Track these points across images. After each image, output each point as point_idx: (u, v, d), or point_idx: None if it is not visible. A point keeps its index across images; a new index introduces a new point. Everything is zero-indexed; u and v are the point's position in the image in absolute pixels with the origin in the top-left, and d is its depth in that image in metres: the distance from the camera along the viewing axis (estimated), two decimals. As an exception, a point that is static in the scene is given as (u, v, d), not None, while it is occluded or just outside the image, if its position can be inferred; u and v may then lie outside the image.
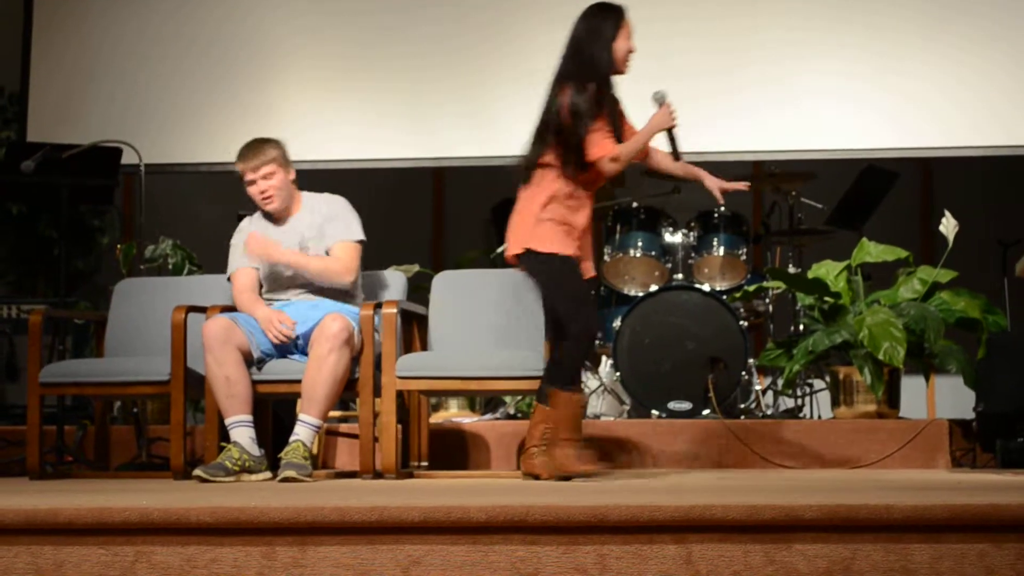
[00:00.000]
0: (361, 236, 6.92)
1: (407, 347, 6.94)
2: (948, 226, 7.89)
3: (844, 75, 8.94)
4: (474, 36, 9.21)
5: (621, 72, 6.49)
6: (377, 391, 6.64)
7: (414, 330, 7.02)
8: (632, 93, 8.98)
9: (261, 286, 6.93)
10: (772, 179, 9.09)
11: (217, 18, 9.39)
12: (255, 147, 6.95)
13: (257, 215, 7.01)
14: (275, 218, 6.95)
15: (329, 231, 6.88)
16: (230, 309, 6.85)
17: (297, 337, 6.72)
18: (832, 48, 8.97)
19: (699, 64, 9.02)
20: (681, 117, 6.53)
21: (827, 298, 8.03)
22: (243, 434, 6.49)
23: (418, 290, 7.86)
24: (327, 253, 6.86)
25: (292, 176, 6.97)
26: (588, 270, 6.41)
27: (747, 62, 9.00)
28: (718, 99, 9.00)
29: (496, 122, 9.13)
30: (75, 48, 9.47)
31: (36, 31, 9.52)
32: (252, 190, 6.92)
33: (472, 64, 9.19)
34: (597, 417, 8.33)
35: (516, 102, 9.12)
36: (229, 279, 6.96)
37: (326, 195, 7.07)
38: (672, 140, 6.52)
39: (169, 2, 9.43)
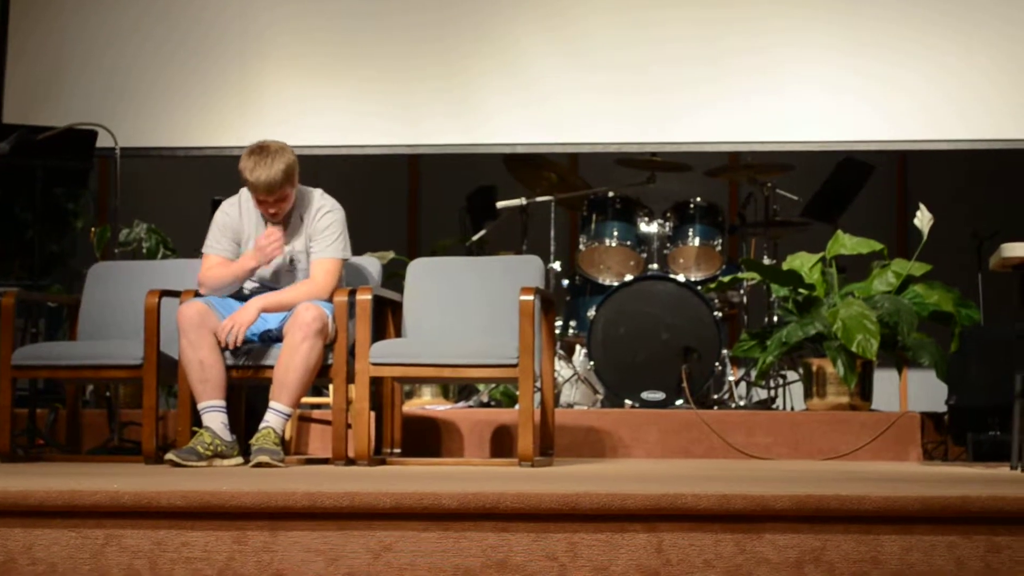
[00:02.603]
0: (344, 255, 6.80)
1: (381, 334, 6.93)
2: (923, 219, 7.90)
3: (823, 67, 8.93)
4: (453, 25, 9.19)
5: None
6: (350, 377, 6.63)
7: (388, 317, 7.01)
8: (610, 82, 9.04)
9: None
10: (748, 170, 9.10)
11: (198, 2, 9.35)
12: (272, 170, 6.57)
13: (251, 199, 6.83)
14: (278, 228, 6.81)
15: (315, 247, 6.78)
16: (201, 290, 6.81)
17: (269, 331, 6.71)
18: (812, 40, 8.96)
19: (677, 52, 9.00)
20: (658, 105, 6.48)
21: (801, 290, 8.04)
22: (215, 419, 6.47)
23: (393, 277, 7.85)
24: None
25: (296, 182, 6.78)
26: None
27: (725, 51, 8.98)
28: (696, 88, 8.98)
29: (474, 111, 9.12)
30: (52, 29, 9.42)
31: (13, 10, 9.47)
32: (261, 207, 6.71)
33: (450, 52, 9.17)
34: (570, 406, 8.33)
35: (494, 91, 9.13)
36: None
37: (328, 204, 6.84)
38: None
39: (149, -14, 9.41)
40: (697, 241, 8.82)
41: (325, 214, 6.81)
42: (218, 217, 6.89)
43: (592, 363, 8.37)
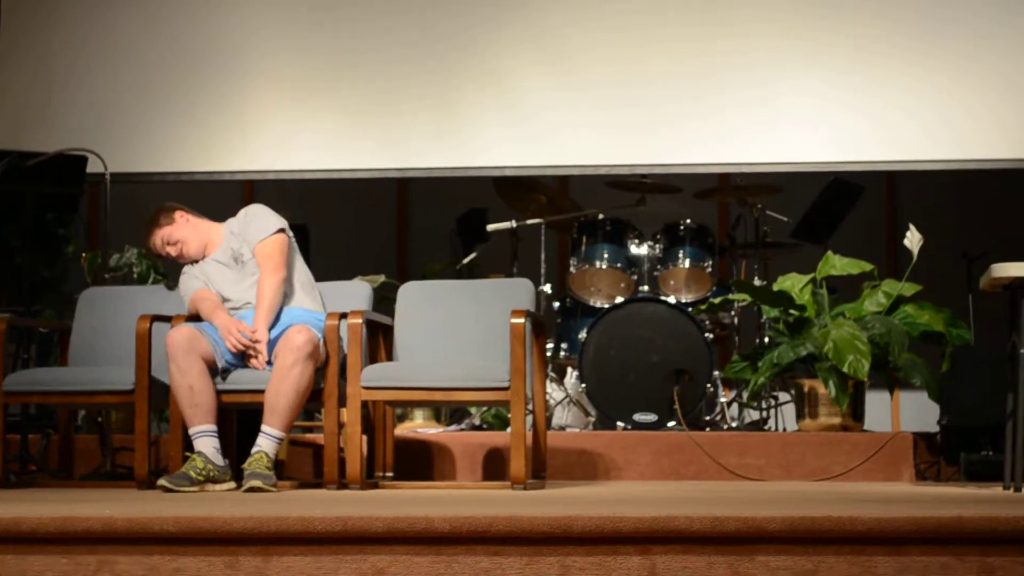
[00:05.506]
0: (277, 226, 6.89)
1: (372, 357, 6.92)
2: (913, 240, 7.91)
3: (813, 88, 8.93)
4: (441, 47, 9.20)
5: None
6: (342, 401, 6.63)
7: (380, 340, 7.01)
8: (599, 103, 9.04)
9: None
10: (738, 191, 9.11)
11: (187, 28, 9.35)
12: (145, 227, 7.03)
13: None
14: (203, 257, 7.00)
15: (249, 237, 6.88)
16: (195, 319, 6.83)
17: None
18: (801, 61, 8.96)
19: (666, 74, 8.99)
20: (648, 127, 6.47)
21: (792, 311, 8.04)
22: (207, 444, 6.47)
23: (384, 301, 7.86)
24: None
25: (184, 217, 6.99)
26: None
27: (715, 73, 8.98)
28: (686, 109, 8.97)
29: (462, 133, 9.12)
30: (42, 54, 9.42)
31: (2, 36, 9.47)
32: (171, 258, 7.02)
33: (439, 75, 9.18)
34: (562, 428, 8.33)
35: (482, 113, 9.13)
36: (188, 316, 6.92)
37: (241, 210, 7.06)
38: None
39: (138, 11, 9.38)
40: (687, 263, 8.83)
41: (244, 210, 7.01)
42: (182, 279, 7.02)
43: (584, 385, 8.37)
